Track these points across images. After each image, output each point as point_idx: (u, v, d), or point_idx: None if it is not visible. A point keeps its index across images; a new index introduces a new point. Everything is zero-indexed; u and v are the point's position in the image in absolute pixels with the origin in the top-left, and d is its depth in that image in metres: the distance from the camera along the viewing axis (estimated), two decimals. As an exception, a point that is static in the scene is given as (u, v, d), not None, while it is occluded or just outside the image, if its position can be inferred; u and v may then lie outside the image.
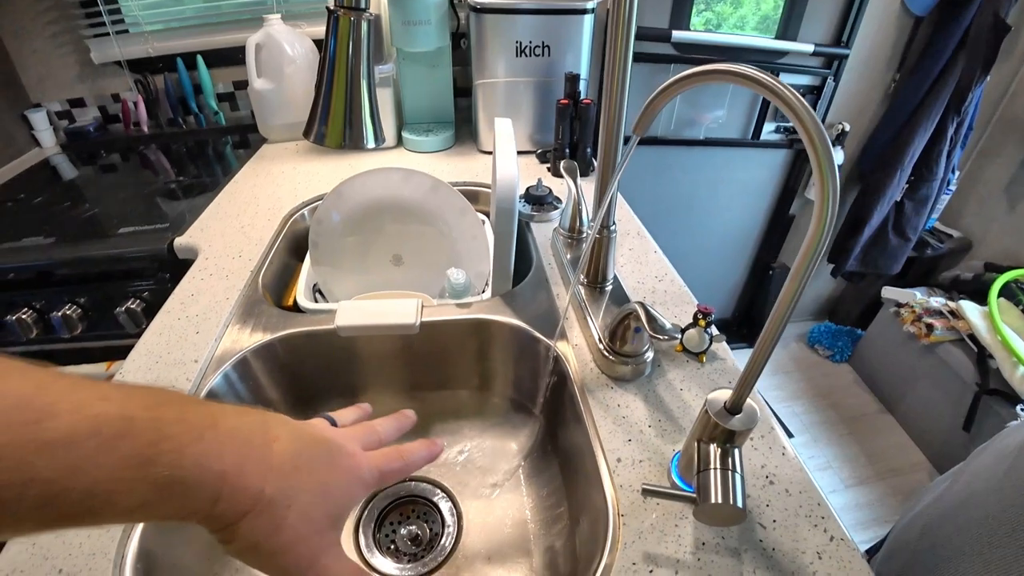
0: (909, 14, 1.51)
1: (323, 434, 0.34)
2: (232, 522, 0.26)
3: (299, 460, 0.30)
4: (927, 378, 1.70)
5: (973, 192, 1.85)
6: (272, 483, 0.28)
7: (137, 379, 0.58)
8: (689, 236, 1.81)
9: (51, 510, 0.21)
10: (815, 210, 0.30)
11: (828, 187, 0.28)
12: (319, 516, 0.30)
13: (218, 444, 0.26)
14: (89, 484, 0.21)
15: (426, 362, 0.68)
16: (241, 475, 0.26)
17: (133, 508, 0.23)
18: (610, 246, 0.61)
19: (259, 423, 0.30)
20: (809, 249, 0.31)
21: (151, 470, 0.23)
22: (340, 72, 0.39)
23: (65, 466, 0.21)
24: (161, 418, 0.24)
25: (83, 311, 0.91)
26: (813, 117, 0.28)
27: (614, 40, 0.49)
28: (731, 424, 0.39)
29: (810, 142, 0.29)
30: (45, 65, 1.29)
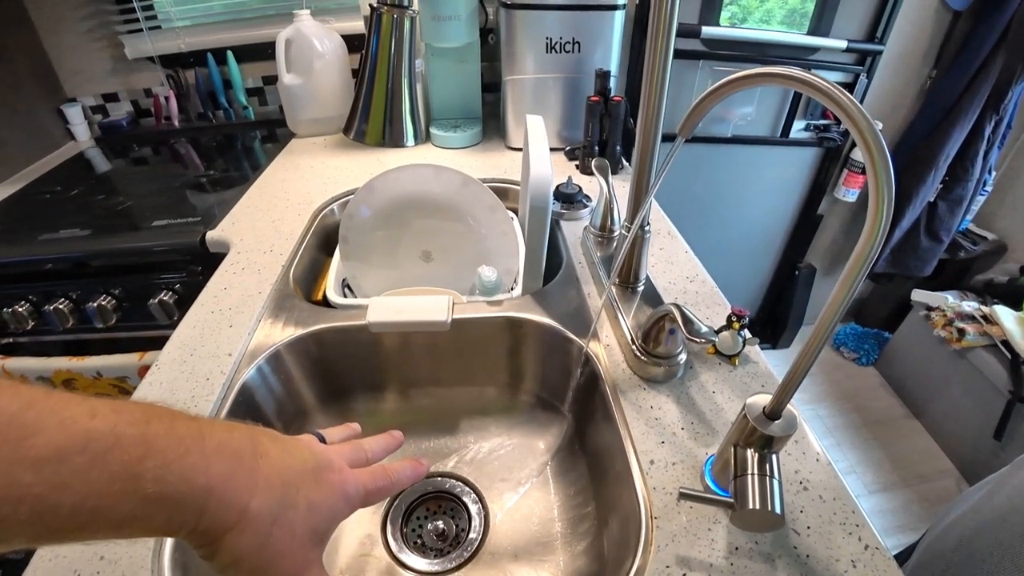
0: (947, 9, 1.46)
1: (311, 450, 0.34)
2: (216, 537, 0.26)
3: (287, 475, 0.30)
4: (957, 384, 1.66)
5: (1010, 193, 1.79)
6: (258, 498, 0.28)
7: (172, 371, 0.59)
8: (715, 234, 1.79)
9: (41, 526, 0.21)
10: (868, 219, 0.29)
11: (884, 195, 0.28)
12: (304, 532, 0.30)
13: (204, 458, 0.26)
14: (78, 499, 0.22)
15: (455, 358, 0.68)
16: (227, 489, 0.26)
17: (121, 523, 0.23)
18: (644, 246, 0.60)
19: (247, 438, 0.30)
20: (860, 256, 0.30)
21: (139, 484, 0.23)
22: (382, 70, 0.39)
23: (55, 482, 0.21)
24: (149, 433, 0.24)
25: (117, 302, 0.93)
26: (869, 122, 0.28)
27: (654, 39, 0.48)
28: (770, 430, 0.39)
29: (866, 148, 0.28)
30: (80, 60, 1.32)
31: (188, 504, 0.25)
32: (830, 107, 0.28)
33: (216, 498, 0.26)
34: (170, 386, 0.57)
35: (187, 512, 0.25)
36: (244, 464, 0.28)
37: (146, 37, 1.27)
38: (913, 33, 1.49)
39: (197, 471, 0.25)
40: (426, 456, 0.69)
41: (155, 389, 0.57)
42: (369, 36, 0.39)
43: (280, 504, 0.29)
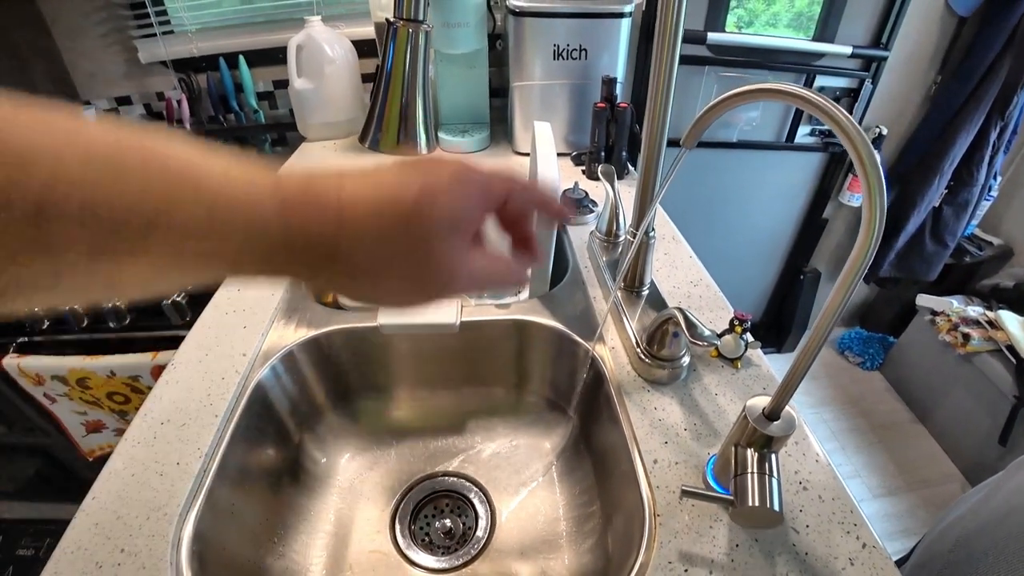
0: (953, 14, 1.47)
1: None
2: (311, 268, 0.25)
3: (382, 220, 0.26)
4: (962, 388, 1.66)
5: (1015, 198, 1.79)
6: (348, 233, 0.25)
7: (188, 370, 0.61)
8: (720, 238, 1.80)
9: (97, 225, 0.19)
10: (862, 227, 0.30)
11: (876, 207, 0.29)
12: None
13: (292, 193, 0.24)
14: (136, 195, 0.20)
15: (463, 360, 0.70)
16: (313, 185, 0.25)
17: (187, 232, 0.21)
18: (649, 251, 0.62)
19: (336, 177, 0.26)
20: (856, 262, 0.31)
21: (204, 195, 0.21)
22: (396, 81, 0.40)
23: (110, 174, 0.19)
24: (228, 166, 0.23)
25: (131, 302, 0.95)
26: (863, 138, 0.29)
27: (660, 45, 0.49)
28: (769, 430, 0.40)
29: (860, 162, 0.29)
30: (95, 64, 1.34)
31: (263, 206, 0.23)
32: (825, 120, 0.29)
33: (298, 225, 0.24)
34: (186, 384, 0.59)
35: (265, 237, 0.23)
36: (331, 197, 0.25)
37: (159, 42, 1.29)
38: (919, 39, 1.50)
39: (288, 206, 0.24)
40: (434, 456, 0.70)
41: (171, 388, 0.59)
42: (385, 48, 0.41)
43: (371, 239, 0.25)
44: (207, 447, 0.52)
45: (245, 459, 0.56)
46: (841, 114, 0.29)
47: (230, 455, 0.53)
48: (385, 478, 0.68)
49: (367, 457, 0.70)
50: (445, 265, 0.26)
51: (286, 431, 0.64)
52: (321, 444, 0.68)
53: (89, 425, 1.14)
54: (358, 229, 0.25)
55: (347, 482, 0.67)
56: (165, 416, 0.56)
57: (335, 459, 0.68)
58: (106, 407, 1.08)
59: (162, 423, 0.55)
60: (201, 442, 0.53)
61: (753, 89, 0.33)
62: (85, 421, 1.13)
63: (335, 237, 0.24)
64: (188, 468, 0.51)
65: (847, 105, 1.55)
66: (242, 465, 0.55)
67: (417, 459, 0.70)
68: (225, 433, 0.54)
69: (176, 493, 0.48)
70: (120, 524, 0.47)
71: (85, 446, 1.19)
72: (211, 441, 0.53)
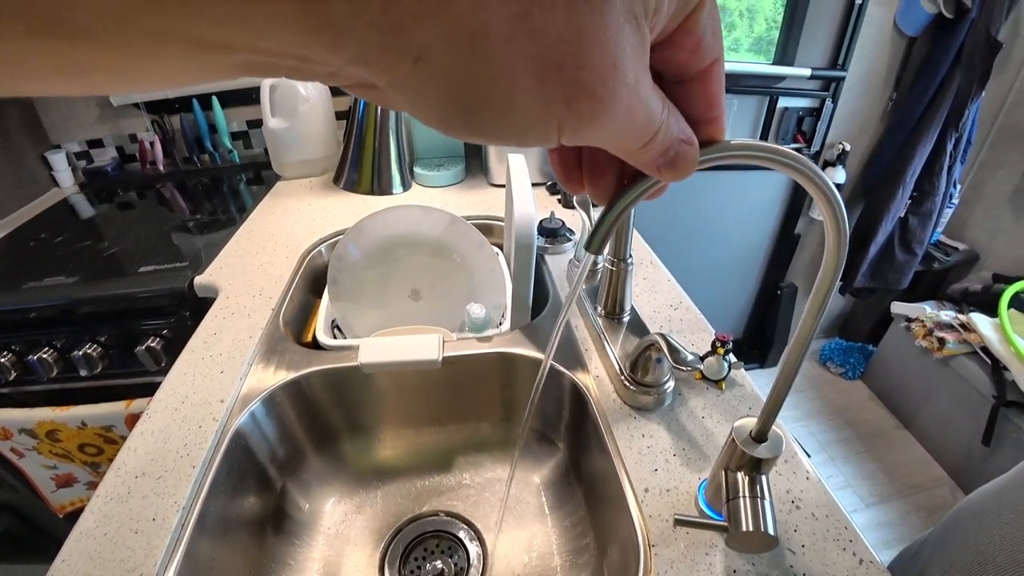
0: (902, 35, 1.55)
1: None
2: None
3: None
4: (943, 392, 1.69)
5: (977, 204, 1.86)
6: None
7: (164, 419, 0.59)
8: (697, 258, 1.83)
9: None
10: (824, 262, 0.31)
11: (841, 241, 0.29)
12: None
13: None
14: None
15: (448, 395, 0.69)
16: None
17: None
18: (627, 278, 0.62)
19: None
20: (822, 285, 0.32)
21: None
22: (370, 122, 0.41)
23: None
24: None
25: (104, 349, 0.92)
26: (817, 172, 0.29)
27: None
28: (758, 452, 0.40)
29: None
30: (67, 107, 1.33)
31: None
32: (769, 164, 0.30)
33: None
34: (162, 434, 0.57)
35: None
36: None
37: (131, 86, 1.29)
38: (872, 59, 1.57)
39: None
40: (422, 495, 0.69)
41: (146, 439, 0.57)
42: (355, 98, 0.41)
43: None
44: (185, 500, 0.50)
45: (226, 510, 0.54)
46: (773, 147, 0.29)
47: (209, 507, 0.51)
48: (372, 521, 0.66)
49: (353, 500, 0.68)
50: (607, 46, 0.14)
51: (268, 478, 0.62)
52: (305, 490, 0.66)
53: (59, 479, 1.09)
54: None
55: (333, 527, 0.65)
56: (140, 469, 0.54)
57: (320, 504, 0.66)
58: (77, 460, 1.04)
59: (136, 476, 0.53)
60: (178, 495, 0.51)
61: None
62: (55, 475, 1.08)
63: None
64: (165, 523, 0.48)
65: (811, 124, 1.61)
66: (223, 517, 0.53)
67: (404, 499, 0.68)
68: (204, 484, 0.52)
69: (152, 551, 0.46)
70: (107, 558, 0.45)
71: (55, 501, 1.14)
72: (189, 493, 0.51)
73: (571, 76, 0.14)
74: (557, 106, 0.15)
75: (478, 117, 0.15)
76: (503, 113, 0.15)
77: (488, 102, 0.15)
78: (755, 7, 1.55)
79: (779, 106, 1.56)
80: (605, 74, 0.15)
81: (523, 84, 0.14)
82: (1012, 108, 1.68)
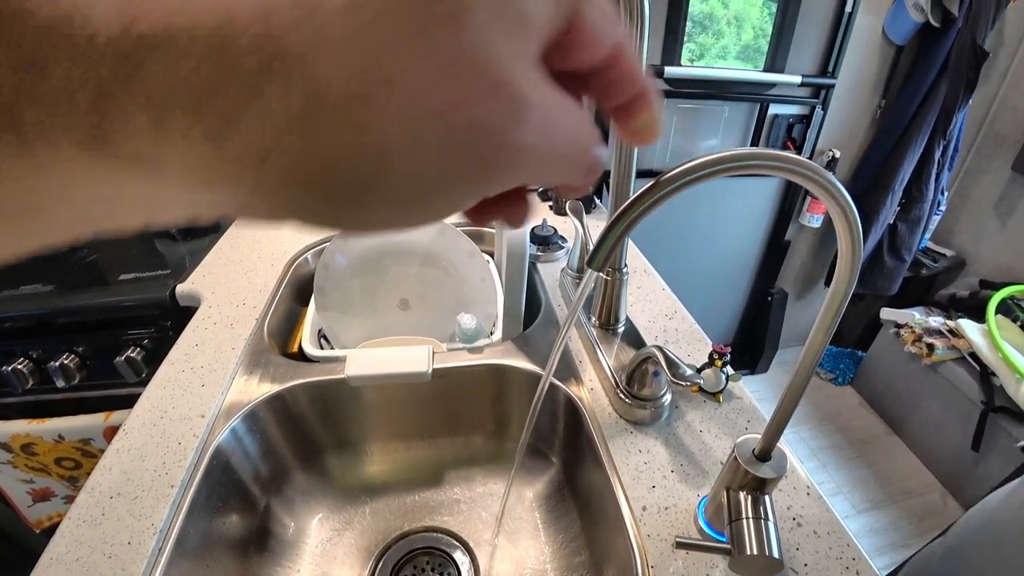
0: (890, 43, 1.56)
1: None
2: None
3: None
4: (932, 398, 1.70)
5: (963, 211, 1.88)
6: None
7: (141, 436, 0.56)
8: (688, 263, 1.83)
9: None
10: (833, 286, 0.30)
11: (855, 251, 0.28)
12: None
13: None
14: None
15: (438, 408, 0.67)
16: None
17: None
18: (622, 288, 0.61)
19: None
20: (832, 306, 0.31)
21: None
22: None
23: None
24: None
25: (82, 360, 0.89)
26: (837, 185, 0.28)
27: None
28: (762, 472, 0.39)
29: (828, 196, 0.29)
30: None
31: None
32: (774, 172, 0.29)
33: None
34: (139, 452, 0.54)
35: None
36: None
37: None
38: (861, 67, 1.58)
39: None
40: (411, 511, 0.67)
41: (122, 456, 0.54)
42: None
43: None
44: (162, 522, 0.48)
45: (206, 531, 0.52)
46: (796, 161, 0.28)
47: (188, 529, 0.49)
48: (360, 539, 0.64)
49: (340, 518, 0.65)
50: (505, 77, 0.12)
51: (251, 496, 0.60)
52: (289, 507, 0.64)
53: (36, 494, 1.05)
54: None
55: (319, 546, 0.63)
56: (115, 489, 0.51)
57: (305, 522, 0.64)
58: (54, 474, 1.00)
59: (111, 497, 0.50)
60: (155, 517, 0.48)
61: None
62: (31, 489, 1.04)
63: (265, 26, 0.10)
64: (141, 547, 0.46)
65: (801, 131, 1.62)
66: (202, 538, 0.51)
67: (393, 516, 0.66)
68: (183, 505, 0.50)
69: (126, 578, 0.44)
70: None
71: (32, 516, 1.10)
72: (167, 515, 0.49)
73: (478, 124, 0.12)
74: (466, 160, 0.12)
75: (360, 203, 0.12)
76: (396, 190, 0.12)
77: (382, 178, 0.12)
78: (743, 15, 1.56)
79: (769, 113, 1.56)
80: (512, 103, 0.12)
81: (416, 149, 0.12)
82: (997, 116, 1.70)
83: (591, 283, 0.25)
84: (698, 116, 1.53)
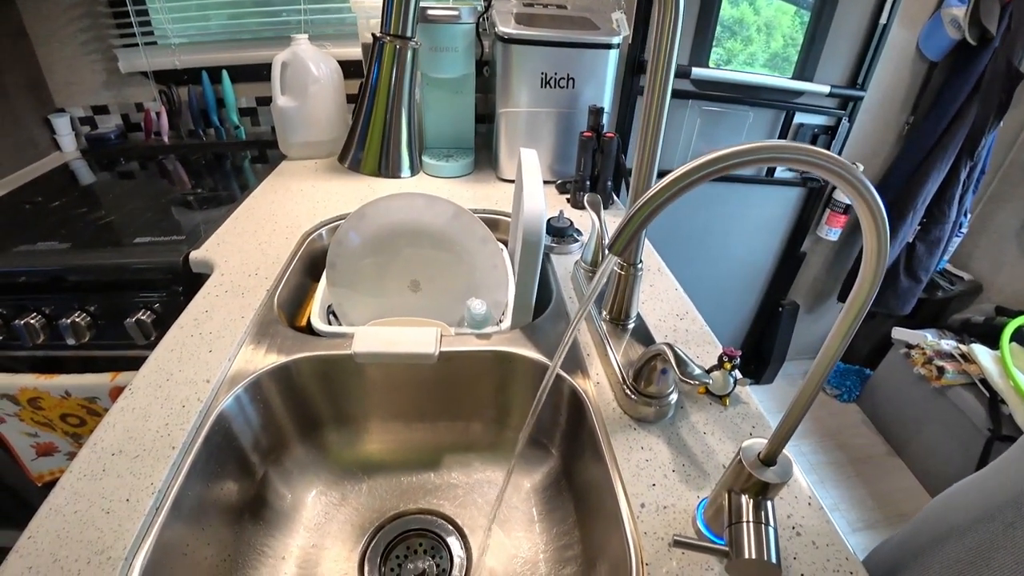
0: (924, 59, 1.53)
1: None
2: None
3: None
4: (937, 421, 1.68)
5: (984, 235, 1.85)
6: None
7: (146, 396, 0.57)
8: (700, 269, 1.81)
9: None
10: (858, 282, 0.29)
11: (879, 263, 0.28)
12: None
13: None
14: None
15: (440, 392, 0.67)
16: None
17: None
18: (635, 284, 0.60)
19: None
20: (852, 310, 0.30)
21: None
22: (381, 100, 0.39)
23: None
24: None
25: (92, 319, 0.90)
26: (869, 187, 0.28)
27: (653, 79, 0.49)
28: (766, 476, 0.38)
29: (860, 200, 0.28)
30: (73, 72, 1.31)
31: None
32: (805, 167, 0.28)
33: None
34: (144, 412, 0.55)
35: None
36: None
37: (141, 52, 1.26)
38: (892, 81, 1.55)
39: None
40: (407, 492, 0.67)
41: (126, 415, 0.54)
42: (370, 65, 0.39)
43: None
44: (161, 482, 0.48)
45: (203, 495, 0.52)
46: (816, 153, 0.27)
47: (187, 491, 0.49)
48: (354, 515, 0.64)
49: (336, 493, 0.66)
50: None
51: (249, 465, 0.60)
52: (287, 479, 0.64)
53: (40, 448, 1.07)
54: None
55: (313, 520, 0.63)
56: (117, 447, 0.51)
57: (301, 495, 0.64)
58: (59, 429, 1.01)
59: (113, 454, 0.51)
60: (155, 476, 0.49)
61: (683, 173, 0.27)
62: (36, 443, 1.06)
63: None
64: (139, 505, 0.46)
65: (825, 142, 1.59)
66: (199, 502, 0.51)
67: (389, 495, 0.66)
68: (182, 466, 0.50)
69: (123, 533, 0.44)
70: (56, 568, 0.42)
71: (35, 470, 1.11)
72: (166, 475, 0.49)
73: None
74: None
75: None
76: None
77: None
78: (773, 22, 1.53)
79: (795, 122, 1.54)
80: None
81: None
82: (1027, 142, 1.67)
83: (609, 268, 0.25)
84: (722, 120, 1.51)
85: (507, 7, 1.10)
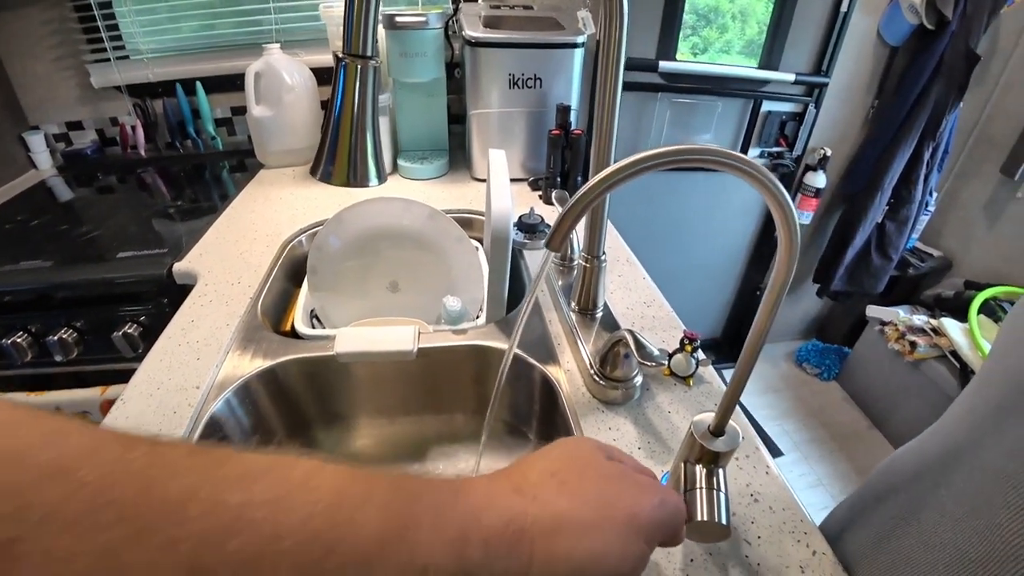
0: (885, 44, 1.58)
1: None
2: None
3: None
4: (914, 395, 1.74)
5: (952, 213, 1.91)
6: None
7: (138, 405, 0.59)
8: (679, 258, 1.85)
9: None
10: (776, 268, 0.32)
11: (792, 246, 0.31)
12: None
13: None
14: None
15: (422, 387, 0.70)
16: None
17: None
18: (600, 275, 0.64)
19: None
20: (775, 290, 0.34)
21: None
22: (346, 117, 0.41)
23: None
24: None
25: (79, 335, 0.92)
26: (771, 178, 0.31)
27: (604, 73, 0.52)
28: (715, 446, 0.41)
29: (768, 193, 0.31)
30: (46, 88, 1.31)
31: None
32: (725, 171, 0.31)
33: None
34: (136, 420, 0.57)
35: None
36: None
37: (113, 67, 1.27)
38: (856, 67, 1.60)
39: None
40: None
41: (120, 424, 0.57)
42: (334, 84, 0.42)
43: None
44: (156, 485, 0.51)
45: (197, 496, 0.54)
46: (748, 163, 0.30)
47: (180, 492, 0.52)
48: (345, 509, 0.67)
49: (327, 488, 0.68)
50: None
51: (241, 465, 0.63)
52: (278, 476, 0.67)
53: (33, 465, 1.08)
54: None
55: (306, 515, 0.65)
56: (111, 454, 0.54)
57: (293, 491, 0.67)
58: (52, 445, 1.03)
59: (108, 462, 0.53)
60: (150, 480, 0.51)
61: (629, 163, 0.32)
62: (29, 461, 1.07)
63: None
64: (135, 508, 0.49)
65: (794, 128, 1.64)
66: (193, 502, 0.54)
67: (378, 488, 0.69)
68: (175, 470, 0.52)
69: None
70: None
71: (29, 488, 1.13)
72: (160, 479, 0.51)
73: None
74: None
75: None
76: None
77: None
78: (747, 10, 1.57)
79: (763, 110, 1.58)
80: None
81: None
82: (988, 120, 1.72)
83: (548, 262, 0.28)
84: (692, 111, 1.55)
85: (475, 9, 1.12)
